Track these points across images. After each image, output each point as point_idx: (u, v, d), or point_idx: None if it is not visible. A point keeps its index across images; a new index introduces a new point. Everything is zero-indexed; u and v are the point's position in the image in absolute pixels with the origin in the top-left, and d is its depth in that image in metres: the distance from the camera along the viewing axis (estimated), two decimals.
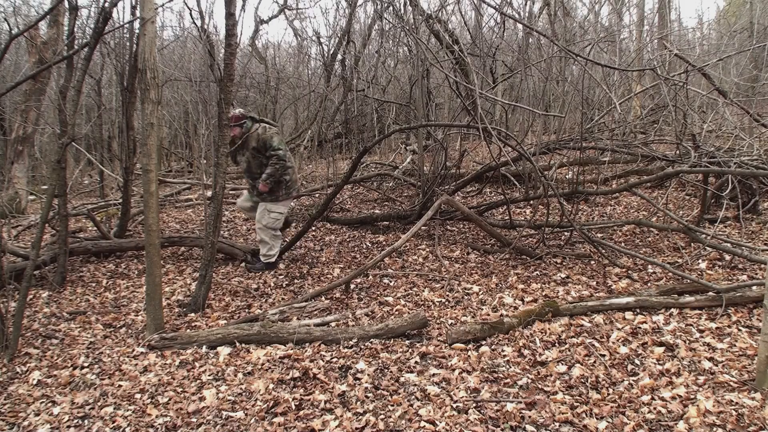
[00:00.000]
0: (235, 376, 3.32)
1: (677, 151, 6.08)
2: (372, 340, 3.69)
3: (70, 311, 4.60)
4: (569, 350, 3.38)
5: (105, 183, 10.86)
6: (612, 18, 13.76)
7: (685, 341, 3.41)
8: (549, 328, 3.67)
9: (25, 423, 2.92)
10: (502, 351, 3.44)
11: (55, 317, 4.49)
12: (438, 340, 3.67)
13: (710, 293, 3.99)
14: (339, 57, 13.65)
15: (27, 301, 4.29)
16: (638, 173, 7.37)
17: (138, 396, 3.13)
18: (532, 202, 6.73)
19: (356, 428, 2.70)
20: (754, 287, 3.97)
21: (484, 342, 3.58)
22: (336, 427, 2.71)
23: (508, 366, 3.25)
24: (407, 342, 3.68)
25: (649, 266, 4.88)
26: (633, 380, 2.99)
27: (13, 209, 8.09)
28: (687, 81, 5.79)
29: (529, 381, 3.05)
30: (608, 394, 2.87)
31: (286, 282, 5.23)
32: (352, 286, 4.82)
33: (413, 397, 2.97)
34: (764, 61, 9.42)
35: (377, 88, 13.21)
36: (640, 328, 3.63)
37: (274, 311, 4.25)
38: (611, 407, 2.74)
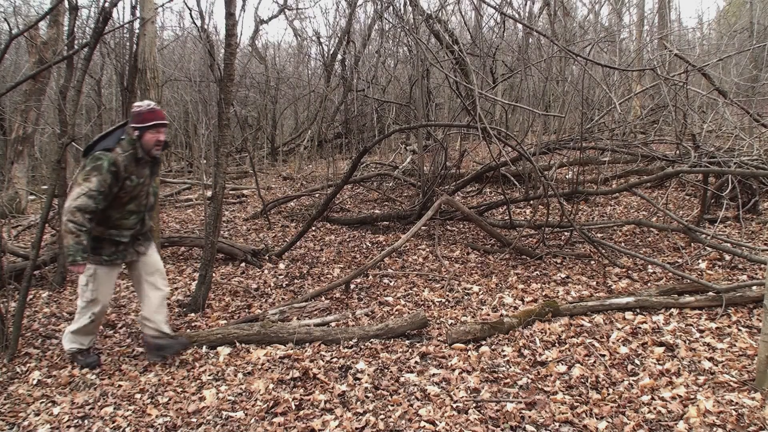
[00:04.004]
0: (235, 376, 3.32)
1: (677, 151, 6.08)
2: (372, 340, 3.69)
3: (70, 311, 4.60)
4: (569, 350, 3.38)
5: None
6: (612, 18, 13.78)
7: (685, 341, 3.41)
8: (549, 328, 3.67)
9: (25, 423, 2.92)
10: (502, 351, 3.44)
11: (55, 317, 4.49)
12: (438, 340, 3.67)
13: (710, 293, 3.99)
14: (339, 57, 13.68)
15: (27, 301, 4.28)
16: (638, 173, 7.37)
17: (138, 396, 3.13)
18: (532, 202, 6.73)
19: (356, 428, 2.70)
20: (754, 287, 3.97)
21: (484, 342, 3.58)
22: (336, 427, 2.71)
23: (508, 366, 3.25)
24: (407, 342, 3.68)
25: (649, 266, 4.88)
26: (633, 380, 2.99)
27: (13, 209, 8.09)
28: (687, 81, 5.80)
29: (529, 381, 3.05)
30: (608, 394, 2.87)
31: (286, 282, 5.23)
32: (352, 286, 4.82)
33: (413, 397, 2.97)
34: (764, 61, 9.43)
35: (377, 88, 13.21)
36: (640, 328, 3.63)
37: (274, 311, 4.25)
38: (611, 407, 2.74)
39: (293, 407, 2.91)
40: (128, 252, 3.43)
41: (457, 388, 3.01)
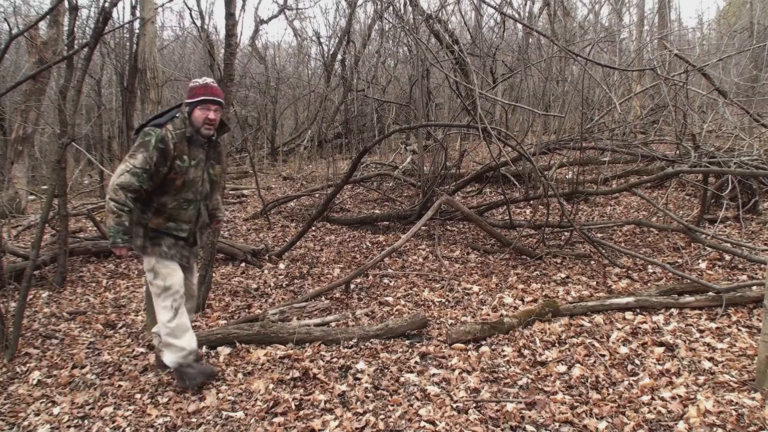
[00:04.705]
0: (235, 376, 3.32)
1: (677, 151, 6.08)
2: (372, 340, 3.69)
3: (70, 311, 4.60)
4: (569, 350, 3.38)
5: (105, 183, 10.86)
6: (612, 18, 13.78)
7: (685, 341, 3.41)
8: (549, 328, 3.67)
9: (25, 423, 2.92)
10: (502, 351, 3.44)
11: (55, 317, 4.49)
12: (438, 340, 3.67)
13: (710, 293, 3.98)
14: (339, 57, 13.69)
15: (27, 301, 4.29)
16: (638, 173, 7.37)
17: (138, 396, 3.13)
18: (532, 202, 6.73)
19: (356, 428, 2.70)
20: (754, 287, 3.97)
21: (484, 342, 3.57)
22: (336, 427, 2.71)
23: (508, 366, 3.25)
24: (407, 342, 3.68)
25: (649, 266, 4.88)
26: (633, 380, 2.99)
27: (13, 209, 8.10)
28: (687, 81, 5.80)
29: (529, 381, 3.05)
30: (608, 394, 2.87)
31: (286, 282, 5.24)
32: (352, 286, 4.82)
33: (413, 397, 2.97)
34: (764, 61, 9.43)
35: (377, 88, 13.21)
36: (640, 328, 3.63)
37: (274, 311, 4.25)
38: (611, 407, 2.74)
39: (293, 407, 2.91)
40: (184, 254, 3.22)
41: (457, 388, 3.01)
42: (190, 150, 3.09)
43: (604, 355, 3.29)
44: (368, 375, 3.22)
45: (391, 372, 3.26)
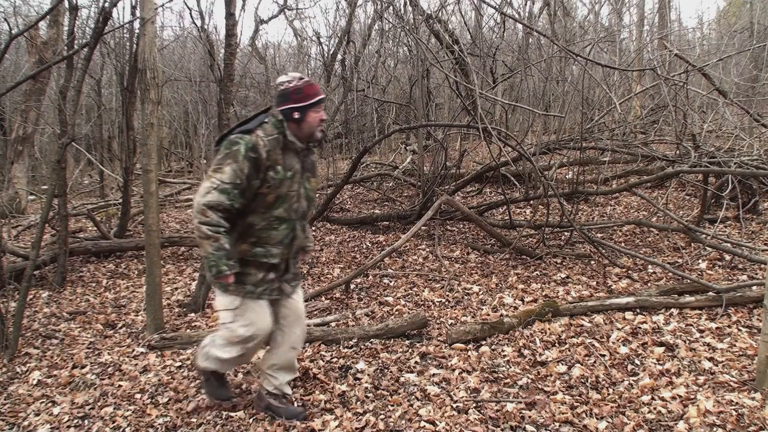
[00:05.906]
0: (235, 375, 3.32)
1: (677, 151, 6.08)
2: (372, 340, 3.69)
3: (70, 311, 4.60)
4: (569, 350, 3.38)
5: (105, 183, 10.88)
6: (612, 18, 13.79)
7: (685, 341, 3.41)
8: (549, 328, 3.67)
9: (25, 423, 2.92)
10: (502, 351, 3.44)
11: (55, 317, 4.49)
12: (438, 340, 3.67)
13: (710, 293, 3.99)
14: (339, 57, 13.66)
15: (27, 301, 4.29)
16: (638, 173, 7.36)
17: (138, 396, 3.13)
18: (532, 202, 6.73)
19: (356, 428, 2.70)
20: (754, 287, 3.97)
21: (484, 342, 3.57)
22: (336, 427, 2.71)
23: (508, 366, 3.25)
24: (407, 342, 3.68)
25: (649, 266, 4.88)
26: (633, 380, 2.99)
27: (13, 209, 8.10)
28: (687, 81, 5.79)
29: (529, 381, 3.05)
30: (608, 394, 2.87)
31: None
32: (352, 286, 4.82)
33: (413, 397, 2.97)
34: (764, 61, 9.43)
35: (377, 88, 13.20)
36: (640, 328, 3.63)
37: None
38: (611, 407, 2.74)
39: None
40: (275, 287, 2.73)
41: (457, 388, 3.01)
42: (284, 159, 2.60)
43: (604, 355, 3.29)
44: (368, 375, 3.22)
45: (391, 372, 3.26)
